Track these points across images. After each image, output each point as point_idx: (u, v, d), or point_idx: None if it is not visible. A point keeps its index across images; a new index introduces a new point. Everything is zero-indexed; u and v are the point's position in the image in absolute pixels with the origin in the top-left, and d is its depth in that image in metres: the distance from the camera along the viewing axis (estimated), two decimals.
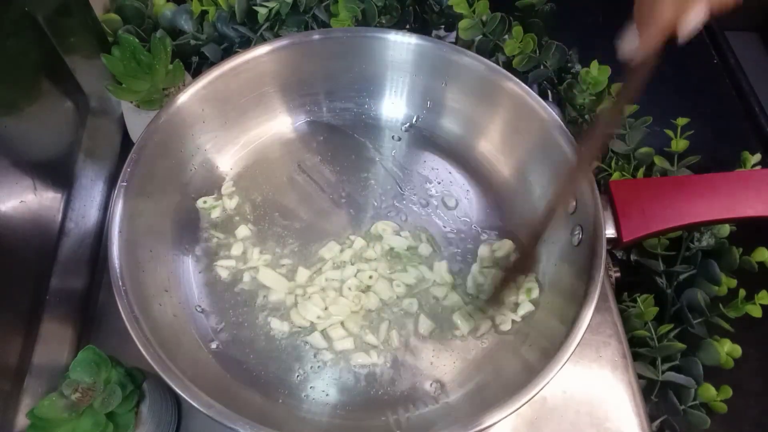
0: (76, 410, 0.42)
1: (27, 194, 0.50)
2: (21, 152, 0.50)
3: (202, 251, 0.56)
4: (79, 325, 0.55)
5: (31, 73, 0.53)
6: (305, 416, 0.49)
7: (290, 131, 0.64)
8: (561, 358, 0.43)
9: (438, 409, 0.49)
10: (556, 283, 0.54)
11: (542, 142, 0.56)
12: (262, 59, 0.59)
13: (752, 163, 0.62)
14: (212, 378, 0.49)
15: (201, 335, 0.52)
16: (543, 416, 0.52)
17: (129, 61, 0.59)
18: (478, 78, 0.59)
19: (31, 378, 0.47)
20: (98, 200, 0.62)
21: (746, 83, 0.81)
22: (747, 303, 0.55)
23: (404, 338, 0.53)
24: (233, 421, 0.40)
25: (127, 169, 0.50)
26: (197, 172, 0.59)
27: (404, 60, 0.61)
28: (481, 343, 0.53)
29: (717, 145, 0.73)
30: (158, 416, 0.47)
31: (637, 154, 0.66)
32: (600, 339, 0.56)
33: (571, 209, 0.53)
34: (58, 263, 0.53)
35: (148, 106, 0.62)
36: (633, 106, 0.66)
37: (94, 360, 0.44)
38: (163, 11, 0.71)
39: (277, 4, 0.66)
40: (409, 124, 0.66)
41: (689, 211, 0.51)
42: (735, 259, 0.59)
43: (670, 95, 0.81)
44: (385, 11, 0.69)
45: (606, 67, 0.65)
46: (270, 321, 0.53)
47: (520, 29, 0.67)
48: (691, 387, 0.56)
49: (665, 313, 0.61)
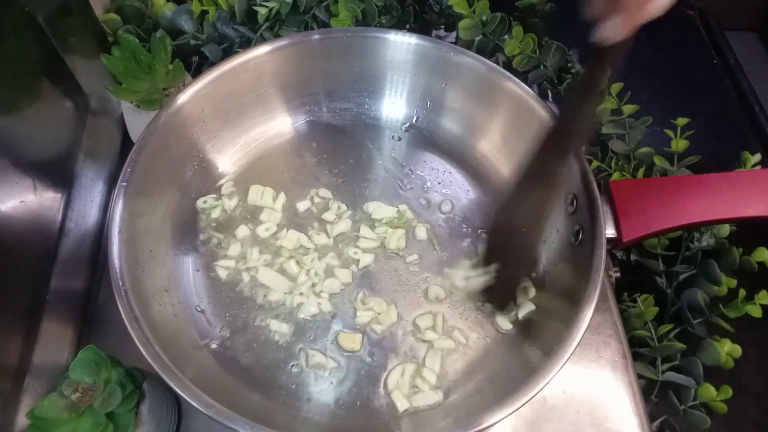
0: (76, 410, 0.42)
1: (27, 194, 0.50)
2: (21, 152, 0.50)
3: (202, 251, 0.56)
4: (79, 325, 0.55)
5: (31, 73, 0.53)
6: (305, 416, 0.49)
7: (290, 131, 0.64)
8: (561, 358, 0.43)
9: (438, 409, 0.49)
10: (556, 283, 0.54)
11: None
12: (262, 59, 0.59)
13: (752, 163, 0.62)
14: (212, 378, 0.49)
15: (201, 335, 0.52)
16: (543, 416, 0.52)
17: (129, 61, 0.59)
18: (478, 78, 0.59)
19: (31, 378, 0.47)
20: (98, 200, 0.62)
21: (746, 83, 0.81)
22: (747, 303, 0.55)
23: (405, 338, 0.53)
24: (233, 421, 0.40)
25: (127, 169, 0.50)
26: (197, 172, 0.59)
27: (404, 60, 0.61)
28: (482, 342, 0.53)
29: (717, 145, 0.73)
30: (158, 416, 0.47)
31: (637, 154, 0.66)
32: (600, 339, 0.56)
33: (571, 209, 0.53)
34: (58, 263, 0.53)
35: (148, 106, 0.62)
36: (632, 106, 0.66)
37: (94, 360, 0.44)
38: (163, 11, 0.71)
39: (277, 4, 0.66)
40: (409, 124, 0.66)
41: (689, 211, 0.51)
42: (735, 259, 0.59)
43: (670, 95, 0.81)
44: (385, 11, 0.69)
45: None
46: (270, 321, 0.53)
47: (520, 29, 0.67)
48: (691, 387, 0.56)
49: (665, 313, 0.61)
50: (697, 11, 0.90)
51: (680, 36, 0.90)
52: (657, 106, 0.67)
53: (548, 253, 0.56)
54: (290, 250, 0.57)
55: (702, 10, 0.90)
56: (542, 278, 0.55)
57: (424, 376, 0.51)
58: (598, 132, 0.68)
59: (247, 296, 0.54)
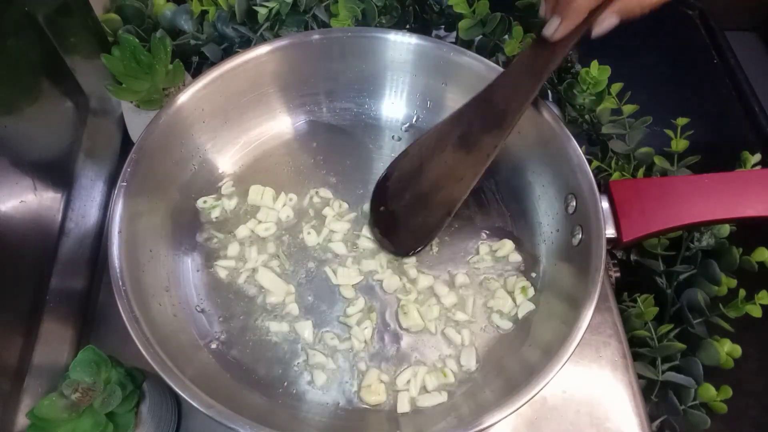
0: (76, 410, 0.42)
1: (27, 194, 0.50)
2: (21, 152, 0.50)
3: (202, 251, 0.56)
4: (79, 325, 0.55)
5: (31, 73, 0.53)
6: (306, 416, 0.49)
7: (290, 131, 0.64)
8: (561, 358, 0.43)
9: (438, 409, 0.49)
10: (556, 283, 0.54)
11: (542, 142, 0.56)
12: (262, 59, 0.59)
13: (752, 163, 0.62)
14: (212, 378, 0.49)
15: (201, 335, 0.52)
16: (543, 416, 0.52)
17: (129, 61, 0.59)
18: (478, 78, 0.59)
19: (31, 378, 0.47)
20: (98, 200, 0.62)
21: (746, 83, 0.81)
22: (747, 303, 0.55)
23: (404, 338, 0.53)
24: (233, 421, 0.40)
25: (127, 169, 0.50)
26: (197, 172, 0.59)
27: (404, 60, 0.61)
28: (482, 342, 0.53)
29: (717, 145, 0.73)
30: (158, 416, 0.47)
31: (637, 154, 0.66)
32: (600, 339, 0.56)
33: (571, 209, 0.53)
34: (58, 263, 0.53)
35: (148, 106, 0.62)
36: (632, 106, 0.66)
37: (94, 360, 0.44)
38: (163, 11, 0.71)
39: (277, 4, 0.66)
40: (409, 124, 0.66)
41: (689, 211, 0.51)
42: (735, 259, 0.59)
43: (670, 95, 0.81)
44: (385, 11, 0.69)
45: (606, 67, 0.65)
46: (270, 321, 0.53)
47: (520, 29, 0.67)
48: (691, 387, 0.56)
49: (665, 313, 0.61)
50: (697, 11, 0.90)
51: (680, 36, 0.90)
52: (657, 106, 0.67)
53: (548, 253, 0.56)
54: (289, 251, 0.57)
55: (702, 10, 0.90)
56: (542, 278, 0.55)
57: (445, 372, 0.51)
58: (599, 132, 0.68)
59: (247, 296, 0.54)
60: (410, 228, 0.56)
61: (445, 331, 0.53)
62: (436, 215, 0.55)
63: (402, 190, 0.57)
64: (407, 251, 0.56)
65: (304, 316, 0.54)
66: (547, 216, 0.57)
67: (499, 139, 0.51)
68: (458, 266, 0.57)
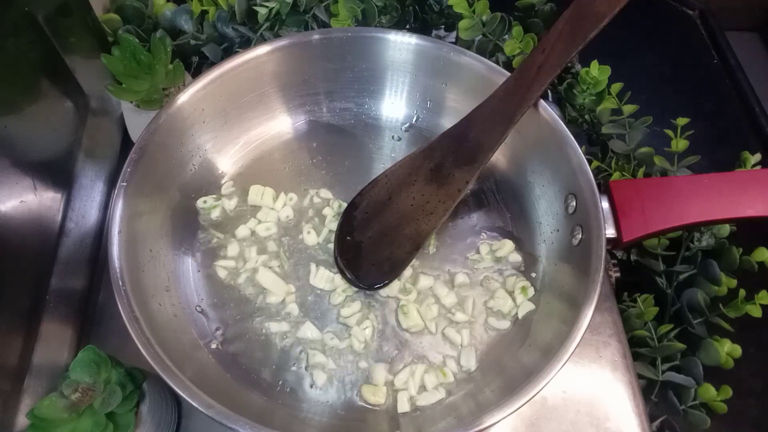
0: (76, 410, 0.42)
1: (27, 194, 0.50)
2: (21, 152, 0.50)
3: (202, 251, 0.56)
4: (79, 325, 0.55)
5: (31, 73, 0.53)
6: (305, 416, 0.49)
7: (290, 131, 0.64)
8: (561, 358, 0.43)
9: (438, 409, 0.49)
10: (556, 283, 0.54)
11: (542, 142, 0.56)
12: (262, 59, 0.59)
13: (752, 163, 0.62)
14: (212, 378, 0.49)
15: (201, 335, 0.52)
16: (543, 416, 0.52)
17: (129, 61, 0.59)
18: (478, 78, 0.59)
19: (31, 378, 0.47)
20: (98, 200, 0.62)
21: (746, 83, 0.81)
22: (747, 303, 0.55)
23: (404, 338, 0.53)
24: (233, 421, 0.40)
25: (127, 169, 0.50)
26: (197, 172, 0.59)
27: (404, 60, 0.61)
28: (482, 342, 0.53)
29: (717, 145, 0.73)
30: (158, 416, 0.47)
31: (637, 154, 0.66)
32: (600, 339, 0.56)
33: (571, 209, 0.53)
34: (58, 263, 0.53)
35: (148, 106, 0.62)
36: (632, 106, 0.66)
37: (94, 360, 0.44)
38: (163, 11, 0.71)
39: (277, 4, 0.66)
40: (409, 124, 0.66)
41: (689, 211, 0.51)
42: (735, 259, 0.59)
43: (670, 95, 0.81)
44: (385, 11, 0.69)
45: (606, 67, 0.65)
46: (270, 321, 0.53)
47: (520, 29, 0.67)
48: (691, 387, 0.56)
49: (665, 313, 0.61)
50: (697, 11, 0.90)
51: (680, 36, 0.90)
52: (657, 106, 0.67)
53: (548, 253, 0.56)
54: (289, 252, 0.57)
55: (702, 10, 0.90)
56: (542, 278, 0.55)
57: (444, 371, 0.50)
58: (598, 132, 0.68)
59: (247, 296, 0.54)
60: (376, 261, 0.54)
61: (445, 331, 0.53)
62: (403, 250, 0.54)
63: (369, 221, 0.56)
64: (371, 284, 0.54)
65: (304, 316, 0.54)
66: (547, 216, 0.57)
67: (471, 175, 0.51)
68: (458, 266, 0.57)
